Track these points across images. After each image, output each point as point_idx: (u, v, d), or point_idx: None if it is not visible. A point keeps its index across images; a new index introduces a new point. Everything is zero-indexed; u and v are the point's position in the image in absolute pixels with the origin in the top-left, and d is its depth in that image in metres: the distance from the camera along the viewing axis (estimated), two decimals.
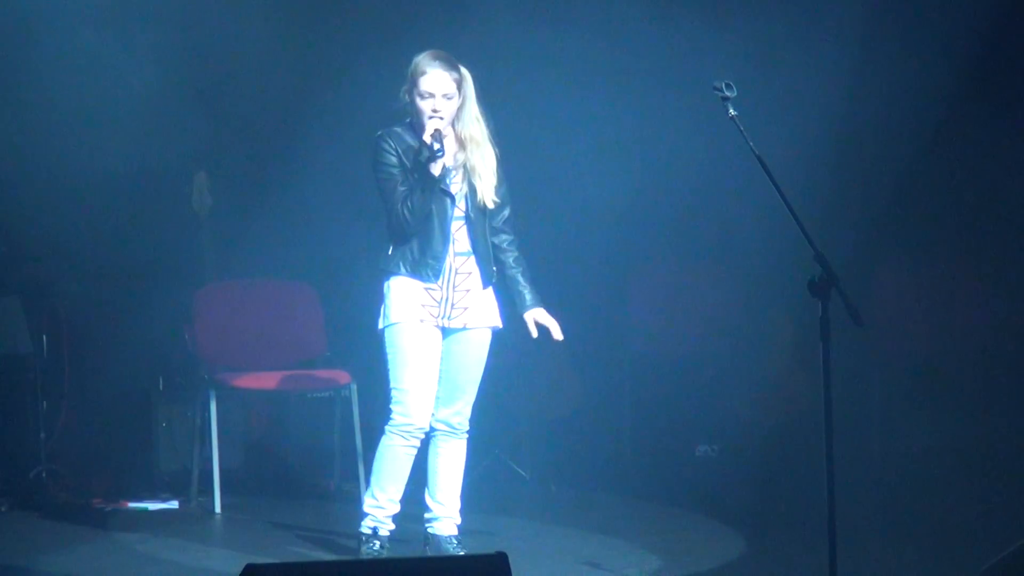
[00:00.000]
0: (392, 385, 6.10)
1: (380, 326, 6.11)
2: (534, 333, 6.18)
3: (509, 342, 8.40)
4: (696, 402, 8.77)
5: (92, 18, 8.03)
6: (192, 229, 8.21)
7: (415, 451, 6.12)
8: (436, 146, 5.95)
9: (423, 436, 6.12)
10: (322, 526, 6.67)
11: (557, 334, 6.18)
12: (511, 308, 6.23)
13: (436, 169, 5.99)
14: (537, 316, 6.19)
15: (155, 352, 8.23)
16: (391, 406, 6.11)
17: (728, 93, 5.21)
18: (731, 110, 5.21)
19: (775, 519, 7.10)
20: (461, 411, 6.16)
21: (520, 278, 6.21)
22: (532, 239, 8.48)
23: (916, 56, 8.41)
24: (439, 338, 6.11)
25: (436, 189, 6.02)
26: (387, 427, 6.11)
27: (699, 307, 8.89)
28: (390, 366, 6.09)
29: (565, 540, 6.86)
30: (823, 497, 4.90)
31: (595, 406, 8.76)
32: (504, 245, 6.21)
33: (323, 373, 7.85)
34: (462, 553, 6.05)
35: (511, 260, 6.21)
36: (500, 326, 6.21)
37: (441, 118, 6.01)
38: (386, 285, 6.09)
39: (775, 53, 8.16)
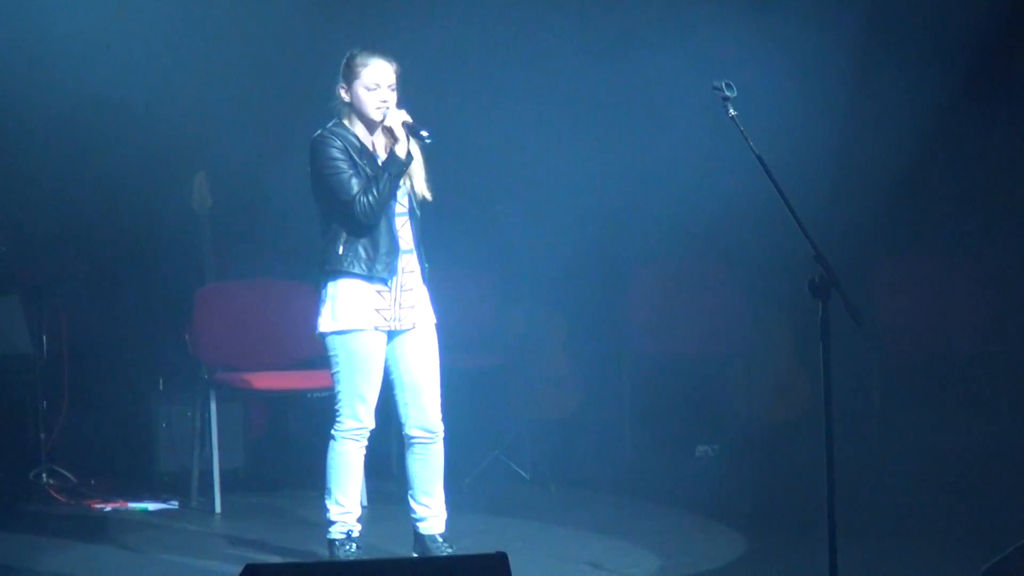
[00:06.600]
0: (341, 390, 6.05)
1: (327, 329, 6.02)
2: None
3: (509, 342, 8.44)
4: (696, 402, 8.77)
5: (91, 18, 8.03)
6: (192, 229, 8.20)
7: (365, 450, 6.13)
8: (424, 132, 5.89)
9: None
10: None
11: None
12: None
13: (403, 151, 5.92)
14: None
15: (155, 352, 8.23)
16: (339, 411, 6.06)
17: (728, 93, 5.21)
18: (731, 110, 5.21)
19: (775, 519, 7.09)
20: (432, 412, 6.10)
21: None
22: (533, 239, 8.55)
23: (916, 57, 8.43)
24: (385, 341, 6.07)
25: (403, 174, 5.97)
26: (337, 434, 6.07)
27: (699, 307, 8.89)
28: (340, 371, 6.04)
29: (565, 540, 6.85)
30: (823, 497, 4.90)
31: (595, 406, 8.75)
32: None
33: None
34: (448, 550, 6.05)
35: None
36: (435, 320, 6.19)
37: (388, 109, 5.94)
38: (333, 286, 5.99)
39: (775, 53, 8.16)
